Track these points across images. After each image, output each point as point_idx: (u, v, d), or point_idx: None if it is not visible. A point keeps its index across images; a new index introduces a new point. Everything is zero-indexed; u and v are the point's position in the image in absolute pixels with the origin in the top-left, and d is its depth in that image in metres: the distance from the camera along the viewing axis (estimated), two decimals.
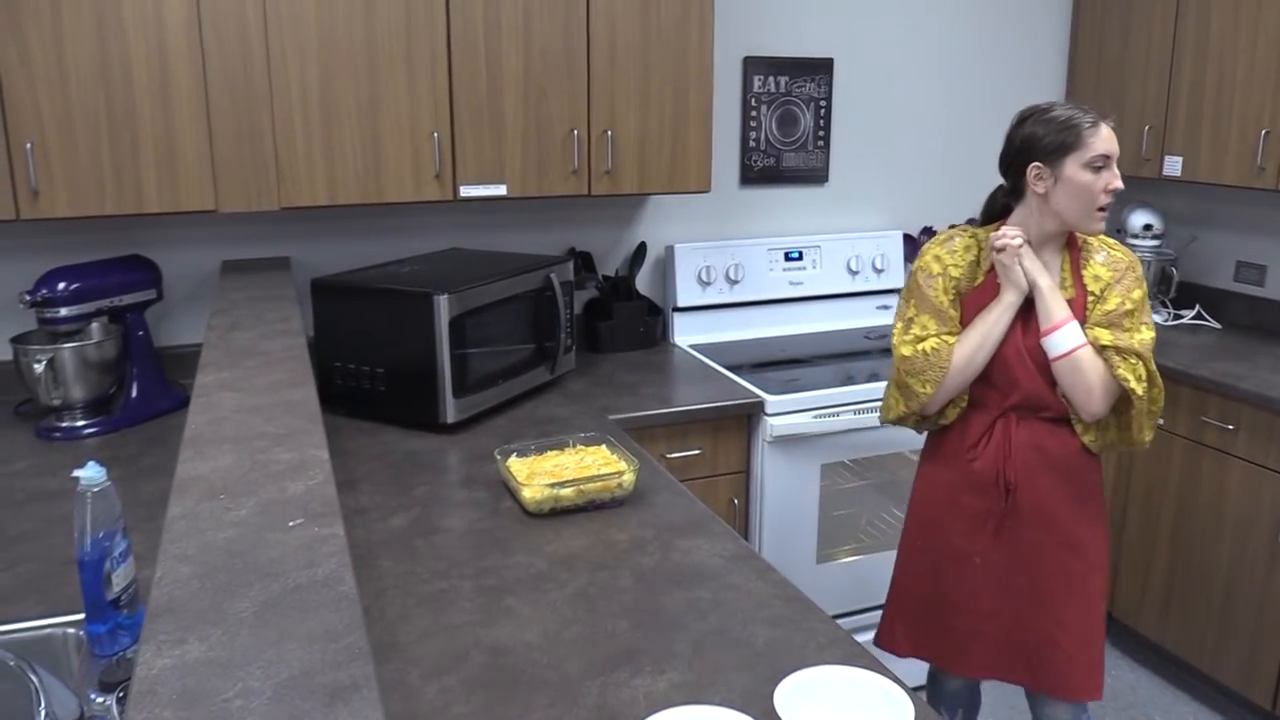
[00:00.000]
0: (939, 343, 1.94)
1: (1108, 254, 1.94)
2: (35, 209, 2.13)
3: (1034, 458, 1.94)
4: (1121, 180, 1.87)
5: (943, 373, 1.92)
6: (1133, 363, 1.85)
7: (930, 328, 1.97)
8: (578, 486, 1.81)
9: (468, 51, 2.43)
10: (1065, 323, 1.86)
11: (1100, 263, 1.92)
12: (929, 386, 1.94)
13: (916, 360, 1.95)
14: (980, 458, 1.97)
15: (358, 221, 2.79)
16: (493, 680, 1.30)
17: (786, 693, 1.21)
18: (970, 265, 1.98)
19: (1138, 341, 1.86)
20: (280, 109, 2.29)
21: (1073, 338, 1.85)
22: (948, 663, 2.09)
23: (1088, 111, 1.86)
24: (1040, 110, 1.89)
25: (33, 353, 2.25)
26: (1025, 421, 1.94)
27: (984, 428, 1.97)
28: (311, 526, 1.06)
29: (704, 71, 2.68)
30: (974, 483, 1.99)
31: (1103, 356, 1.85)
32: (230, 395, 1.50)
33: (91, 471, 1.33)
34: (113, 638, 1.39)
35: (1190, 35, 3.09)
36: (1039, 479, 1.94)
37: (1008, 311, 1.90)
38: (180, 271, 2.63)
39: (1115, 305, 1.88)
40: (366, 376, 2.32)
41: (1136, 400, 1.85)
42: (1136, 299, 1.89)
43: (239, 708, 0.75)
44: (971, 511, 2.00)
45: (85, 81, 2.12)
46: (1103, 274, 1.91)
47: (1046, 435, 1.94)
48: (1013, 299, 1.89)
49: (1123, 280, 1.89)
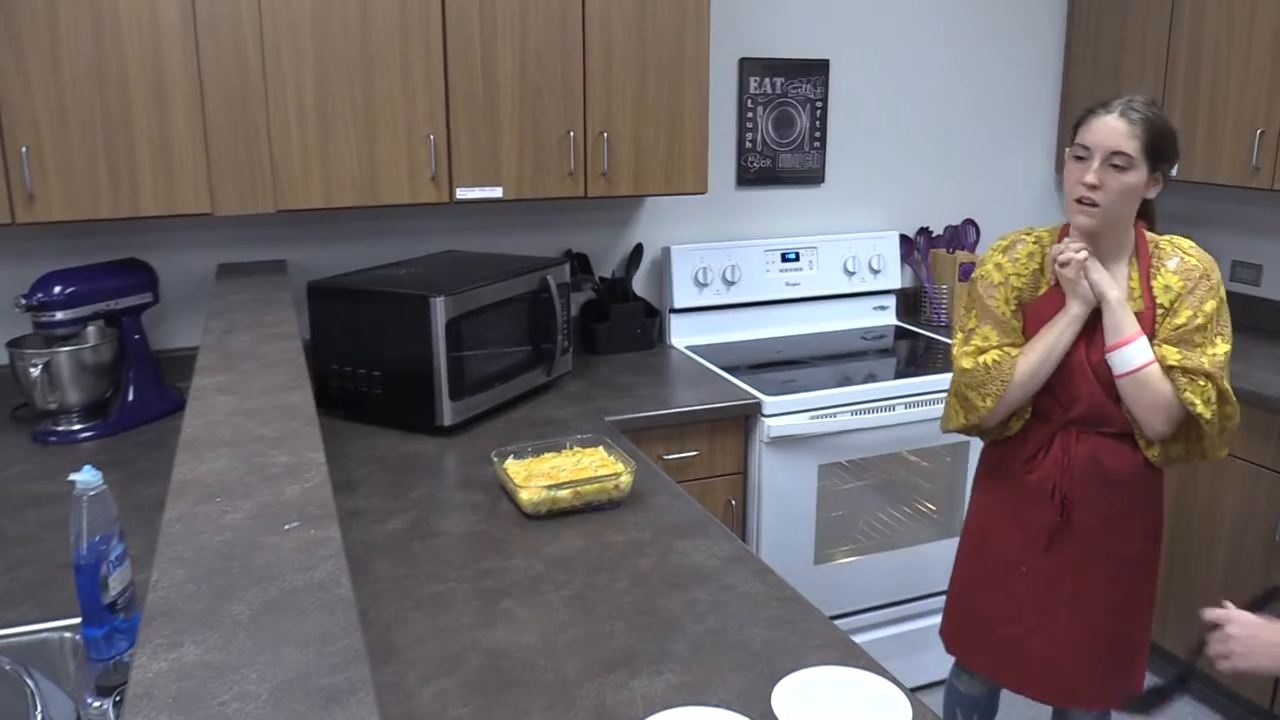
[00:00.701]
0: (1001, 355, 1.88)
1: (1181, 260, 1.81)
2: (31, 212, 2.13)
3: (1093, 473, 1.88)
4: (1096, 179, 1.75)
5: (1004, 386, 1.86)
6: (1201, 384, 1.75)
7: (992, 339, 1.91)
8: (575, 488, 1.81)
9: (463, 54, 2.43)
10: (1133, 339, 1.77)
11: (1172, 270, 1.80)
12: (989, 400, 1.88)
13: (977, 373, 1.89)
14: (1036, 470, 1.93)
15: (354, 224, 2.79)
16: (490, 683, 1.30)
17: (784, 694, 1.21)
18: (1034, 274, 1.91)
19: (1208, 360, 1.75)
20: (276, 111, 2.29)
21: (1140, 355, 1.77)
22: (995, 674, 2.07)
23: (1120, 100, 1.78)
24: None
25: (29, 357, 2.24)
26: (1086, 436, 1.88)
27: (1043, 440, 1.92)
28: (308, 529, 1.06)
29: (700, 73, 2.69)
30: (1029, 495, 1.94)
31: (1169, 377, 1.76)
32: (226, 398, 1.50)
33: (88, 475, 1.33)
34: (109, 642, 1.38)
35: (1185, 35, 3.10)
36: (1096, 495, 1.89)
37: (1073, 325, 1.83)
38: (176, 275, 2.63)
39: (1186, 319, 1.77)
40: (363, 379, 2.32)
41: (1205, 425, 1.77)
42: (1209, 311, 1.77)
43: (235, 711, 0.75)
44: (1025, 524, 1.96)
45: (80, 84, 2.12)
46: (1174, 284, 1.80)
47: (1107, 451, 1.87)
48: (1078, 311, 1.82)
49: (1195, 291, 1.78)
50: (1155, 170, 1.79)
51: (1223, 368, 1.78)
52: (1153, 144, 1.76)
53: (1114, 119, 1.75)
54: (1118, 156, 1.74)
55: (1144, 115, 1.76)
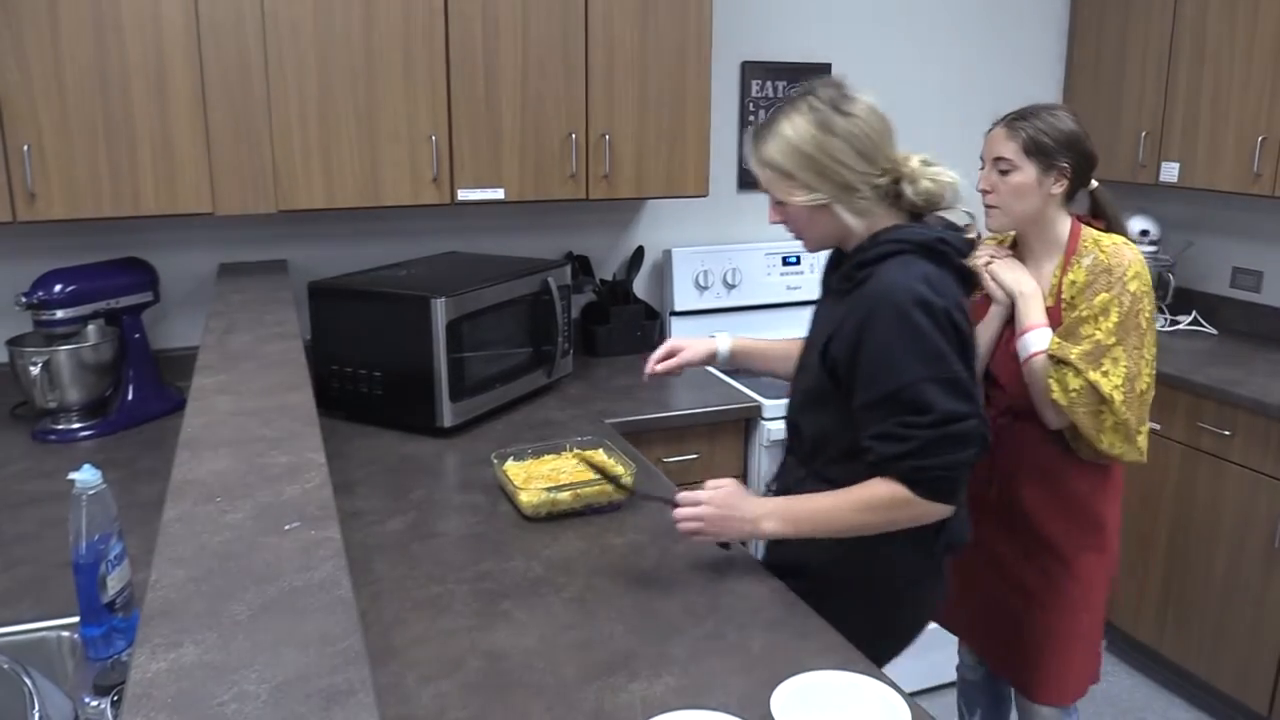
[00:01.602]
0: None
1: (1095, 256, 1.89)
2: (32, 211, 2.13)
3: (1019, 457, 1.97)
4: (985, 184, 1.93)
5: None
6: (1061, 373, 1.83)
7: None
8: (574, 490, 1.81)
9: (466, 55, 2.43)
10: (1030, 329, 1.89)
11: (1084, 266, 1.89)
12: None
13: None
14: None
15: (355, 225, 2.79)
16: (489, 685, 1.30)
17: (783, 698, 1.21)
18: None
19: (1077, 352, 1.81)
20: (278, 112, 2.29)
21: (1032, 345, 1.88)
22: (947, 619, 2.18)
23: (1018, 110, 1.93)
24: None
25: (29, 355, 2.24)
26: (1019, 423, 1.97)
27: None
28: (308, 530, 1.06)
29: (702, 76, 2.69)
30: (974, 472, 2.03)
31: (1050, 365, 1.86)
32: (227, 398, 1.50)
33: (87, 474, 1.33)
34: (107, 641, 1.38)
35: (1187, 41, 3.10)
36: (1022, 477, 1.98)
37: (993, 320, 1.97)
38: (177, 274, 2.63)
39: (1079, 312, 1.86)
40: (364, 380, 2.32)
41: (1068, 411, 1.83)
42: (1097, 304, 1.83)
43: (234, 712, 0.75)
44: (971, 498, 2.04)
45: (82, 83, 2.12)
46: (1080, 279, 1.88)
47: (1035, 438, 1.95)
48: (996, 309, 1.96)
49: (1094, 285, 1.85)
50: (1050, 169, 1.88)
51: (1093, 358, 1.81)
52: (1033, 144, 1.87)
53: (998, 129, 1.92)
54: (1000, 161, 1.90)
55: (1027, 121, 1.89)
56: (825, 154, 1.50)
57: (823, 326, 1.61)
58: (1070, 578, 1.98)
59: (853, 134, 1.51)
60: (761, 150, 1.55)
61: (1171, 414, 2.89)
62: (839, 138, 1.50)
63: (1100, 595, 2.02)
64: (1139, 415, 1.86)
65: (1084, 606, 2.00)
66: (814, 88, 1.55)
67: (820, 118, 1.51)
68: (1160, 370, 2.89)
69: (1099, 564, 2.00)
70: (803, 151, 1.51)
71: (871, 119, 1.55)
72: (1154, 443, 2.95)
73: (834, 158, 1.50)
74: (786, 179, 1.54)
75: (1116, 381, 1.81)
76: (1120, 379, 1.82)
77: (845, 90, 1.56)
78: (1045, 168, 1.88)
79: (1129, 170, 3.32)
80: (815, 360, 1.59)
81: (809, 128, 1.51)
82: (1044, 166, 1.88)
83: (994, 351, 1.99)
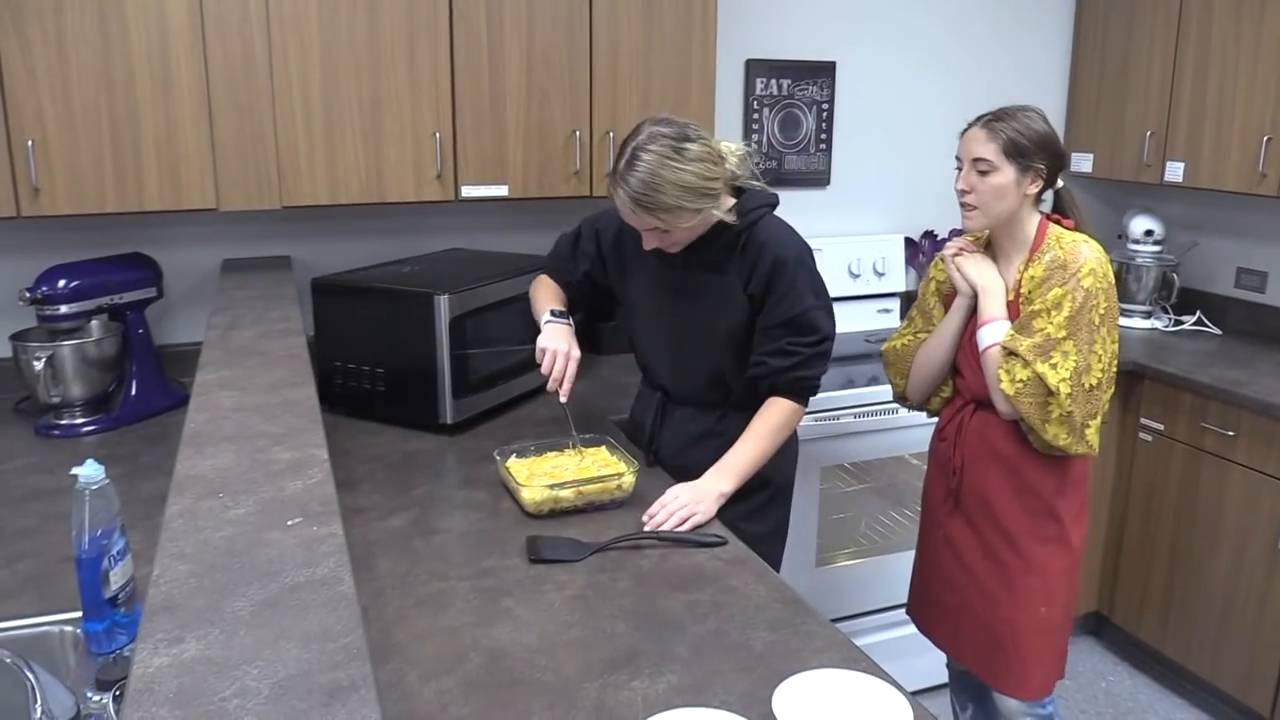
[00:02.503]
0: (911, 340, 2.14)
1: (1055, 253, 1.92)
2: (36, 206, 2.13)
3: (980, 446, 2.04)
4: (964, 184, 1.94)
5: (908, 366, 2.13)
6: (1011, 364, 1.88)
7: (918, 326, 2.17)
8: (577, 488, 1.81)
9: (470, 52, 2.43)
10: (988, 322, 1.94)
11: (1044, 263, 1.92)
12: (900, 378, 2.18)
13: (889, 355, 2.20)
14: (944, 441, 2.13)
15: (359, 221, 2.79)
16: (491, 682, 1.30)
17: (785, 696, 1.21)
18: None
19: (1026, 344, 1.87)
20: (282, 107, 2.29)
21: (987, 337, 1.94)
22: (929, 632, 2.25)
23: (993, 111, 1.96)
24: None
25: (32, 350, 2.25)
26: (981, 412, 2.04)
27: (952, 415, 2.12)
28: (310, 526, 1.06)
29: (706, 74, 2.68)
30: (940, 463, 2.15)
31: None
32: (230, 394, 1.50)
33: (90, 469, 1.33)
34: (109, 636, 1.38)
35: (1192, 41, 3.09)
36: (982, 467, 2.04)
37: (957, 313, 2.03)
38: (181, 270, 2.63)
39: (1034, 306, 1.90)
40: (366, 376, 2.32)
41: (1013, 401, 1.88)
42: (1050, 299, 1.87)
43: (236, 707, 0.75)
44: (939, 489, 2.16)
45: (87, 78, 2.12)
46: (1038, 274, 1.92)
47: (996, 428, 2.01)
48: (960, 301, 2.02)
49: (1049, 280, 1.89)
50: (1027, 170, 1.91)
51: (1043, 350, 1.85)
52: (1012, 146, 1.90)
53: (976, 130, 1.95)
54: (979, 162, 1.92)
55: (1004, 123, 1.92)
56: (701, 179, 1.77)
57: (715, 290, 1.92)
58: (1029, 570, 2.01)
59: (704, 154, 1.77)
60: (655, 201, 1.75)
61: (1175, 414, 2.89)
62: (703, 162, 1.77)
63: (1061, 588, 2.04)
64: (1086, 410, 1.88)
65: (1044, 599, 2.02)
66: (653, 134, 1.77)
67: (684, 152, 1.75)
68: (1164, 370, 2.90)
69: (1057, 557, 2.02)
70: (687, 186, 1.75)
71: (701, 133, 1.81)
72: (1158, 442, 2.95)
73: (706, 178, 1.77)
74: (679, 212, 1.77)
75: (1064, 375, 1.85)
76: (1068, 372, 1.85)
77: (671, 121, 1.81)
78: (1023, 169, 1.91)
79: (1134, 169, 3.31)
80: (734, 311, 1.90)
81: (680, 164, 1.75)
82: (1021, 168, 1.91)
83: (959, 344, 2.04)
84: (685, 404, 2.05)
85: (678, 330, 2.00)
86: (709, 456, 1.90)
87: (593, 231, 2.14)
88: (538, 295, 2.13)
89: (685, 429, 2.04)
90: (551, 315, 2.02)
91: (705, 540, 1.70)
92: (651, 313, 2.04)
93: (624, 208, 1.81)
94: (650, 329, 2.07)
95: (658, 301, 2.01)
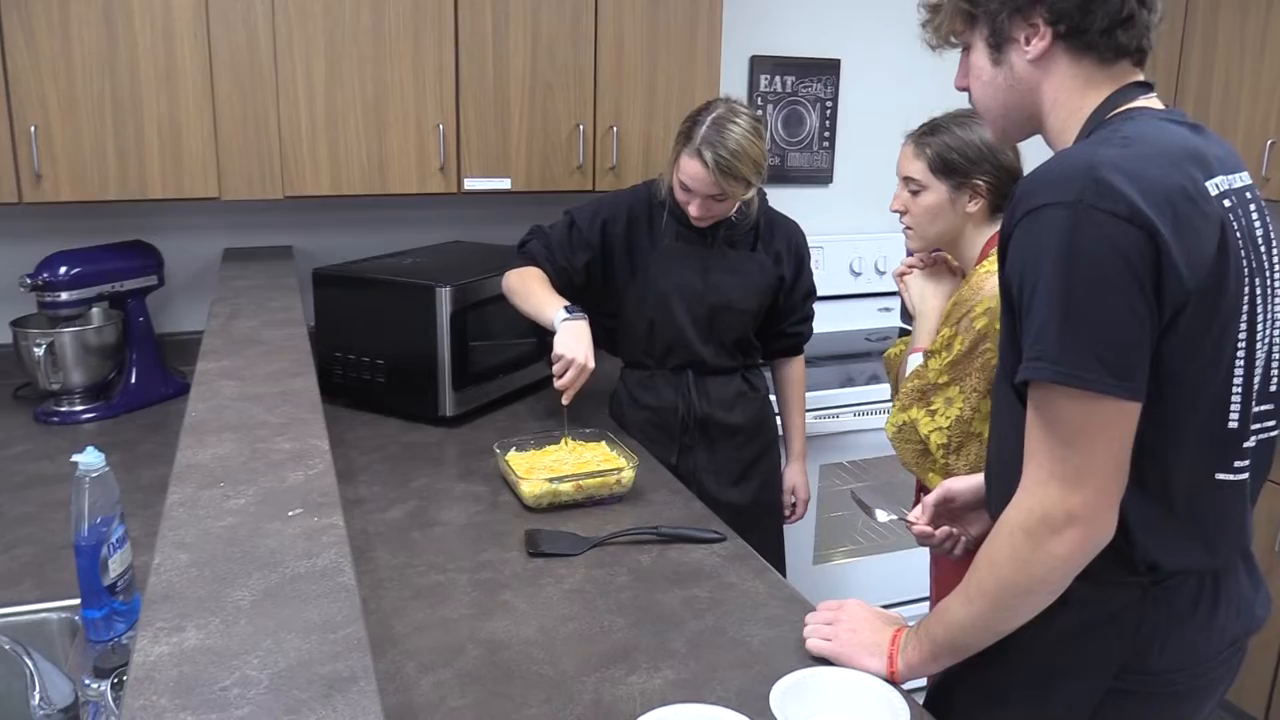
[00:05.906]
0: (902, 346, 2.04)
1: (964, 286, 1.74)
2: (38, 192, 2.13)
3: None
4: (897, 205, 1.82)
5: (894, 375, 2.02)
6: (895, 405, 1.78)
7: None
8: (576, 482, 1.81)
9: (475, 45, 2.43)
10: (914, 351, 1.81)
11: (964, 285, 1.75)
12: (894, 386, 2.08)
13: (886, 363, 2.11)
14: None
15: (361, 212, 2.79)
16: (488, 674, 1.30)
17: (782, 692, 1.21)
18: None
19: (907, 386, 1.73)
20: (285, 97, 2.29)
21: (909, 366, 1.81)
22: None
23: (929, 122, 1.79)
24: None
25: (32, 336, 2.24)
26: None
27: None
28: (311, 516, 1.06)
29: (711, 70, 2.68)
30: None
31: None
32: (231, 383, 1.50)
33: (90, 457, 1.33)
34: (108, 623, 1.38)
35: (1197, 46, 3.09)
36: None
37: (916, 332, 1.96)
38: (182, 258, 2.63)
39: (934, 345, 1.73)
40: (367, 367, 2.32)
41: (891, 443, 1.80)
42: (939, 340, 1.70)
43: (236, 696, 0.75)
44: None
45: (90, 66, 2.12)
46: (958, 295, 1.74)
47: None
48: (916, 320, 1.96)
49: (949, 316, 1.71)
50: (961, 187, 1.72)
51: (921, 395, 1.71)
52: (941, 162, 1.72)
53: (906, 146, 1.79)
54: (909, 182, 1.78)
55: (935, 136, 1.73)
56: (765, 159, 2.02)
57: (745, 265, 2.16)
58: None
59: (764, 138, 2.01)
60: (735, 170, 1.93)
61: None
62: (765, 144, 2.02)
63: None
64: (975, 464, 1.62)
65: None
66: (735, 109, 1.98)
67: (760, 131, 1.98)
68: None
69: None
70: (758, 162, 1.98)
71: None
72: None
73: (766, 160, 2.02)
74: (745, 184, 1.98)
75: (942, 424, 1.64)
76: (947, 421, 1.64)
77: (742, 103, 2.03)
78: (956, 186, 1.71)
79: None
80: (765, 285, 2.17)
81: (759, 141, 1.97)
82: (955, 185, 1.71)
83: None
84: (715, 373, 2.21)
85: (716, 304, 2.15)
86: (750, 410, 2.23)
87: (597, 222, 2.14)
88: (533, 289, 2.08)
89: (723, 393, 2.21)
90: (567, 313, 1.97)
91: (704, 536, 1.70)
92: (682, 292, 2.14)
93: (699, 173, 1.95)
94: (681, 308, 2.14)
95: (689, 280, 2.14)
